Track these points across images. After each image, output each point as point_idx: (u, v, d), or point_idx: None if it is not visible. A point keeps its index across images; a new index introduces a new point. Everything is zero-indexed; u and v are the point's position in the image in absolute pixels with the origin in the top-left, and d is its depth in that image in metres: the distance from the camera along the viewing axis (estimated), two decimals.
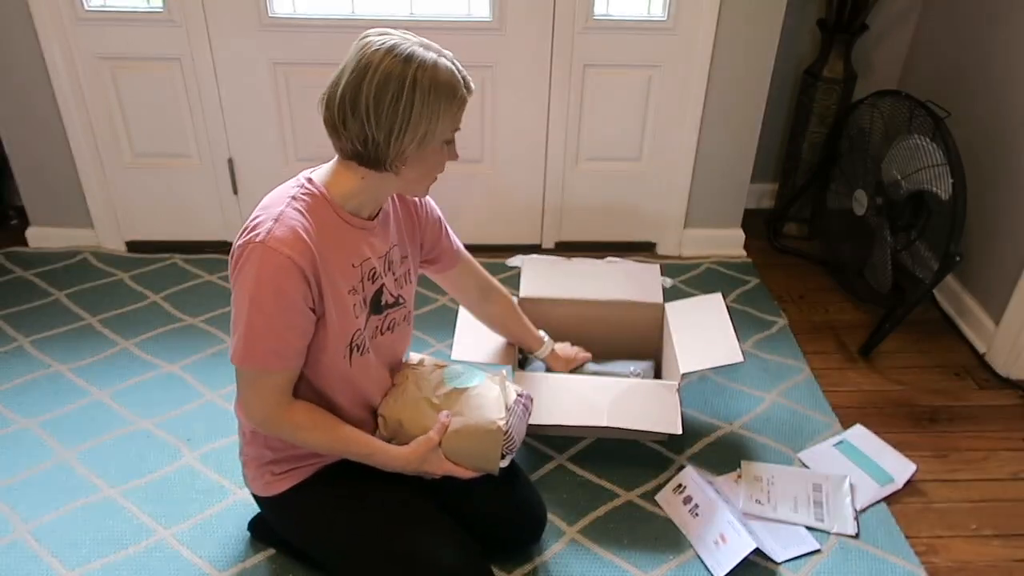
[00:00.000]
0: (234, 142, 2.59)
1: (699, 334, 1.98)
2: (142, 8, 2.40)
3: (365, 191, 1.37)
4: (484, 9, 2.45)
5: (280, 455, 1.50)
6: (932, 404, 2.18)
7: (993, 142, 2.36)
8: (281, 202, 1.31)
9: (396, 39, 1.28)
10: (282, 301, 1.27)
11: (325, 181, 1.36)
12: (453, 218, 2.77)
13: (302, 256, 1.27)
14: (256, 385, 1.35)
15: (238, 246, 1.29)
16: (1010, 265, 2.28)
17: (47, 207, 2.70)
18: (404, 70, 1.25)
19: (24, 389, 2.12)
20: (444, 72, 1.28)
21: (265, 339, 1.29)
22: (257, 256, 1.26)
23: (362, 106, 1.27)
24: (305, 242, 1.28)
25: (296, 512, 1.52)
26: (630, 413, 1.80)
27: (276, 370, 1.34)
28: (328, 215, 1.34)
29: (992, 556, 1.75)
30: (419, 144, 1.30)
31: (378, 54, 1.26)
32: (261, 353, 1.30)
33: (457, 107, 1.32)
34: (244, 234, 1.29)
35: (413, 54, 1.26)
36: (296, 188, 1.34)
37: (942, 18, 2.64)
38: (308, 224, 1.30)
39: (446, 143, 1.37)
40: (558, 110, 2.58)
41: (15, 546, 1.69)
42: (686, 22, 2.45)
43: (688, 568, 1.69)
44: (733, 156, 2.68)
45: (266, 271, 1.26)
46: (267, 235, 1.26)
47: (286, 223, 1.28)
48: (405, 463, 1.46)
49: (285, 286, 1.27)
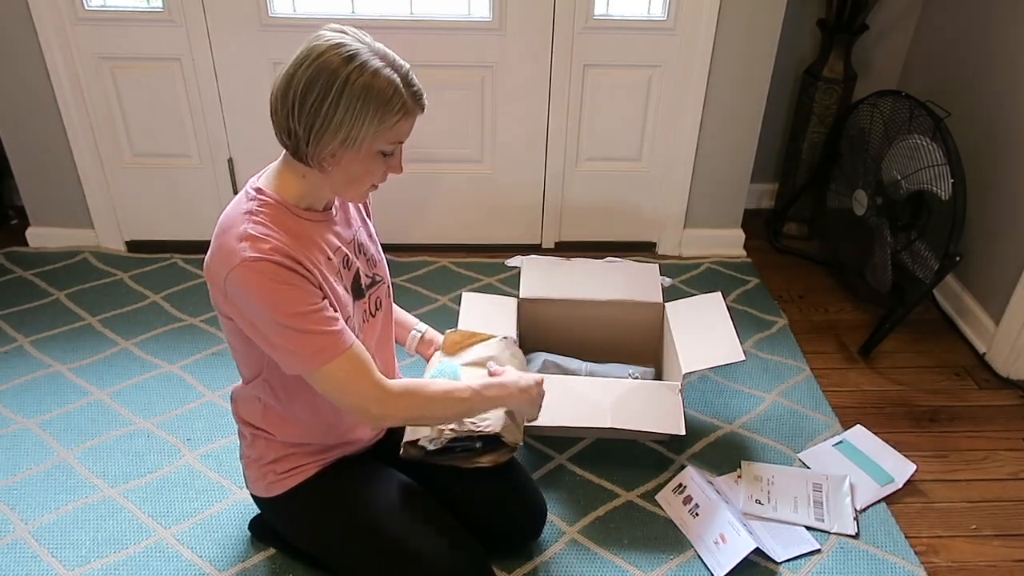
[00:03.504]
0: (234, 142, 2.59)
1: (700, 333, 1.98)
2: (142, 8, 2.40)
3: (310, 189, 1.34)
4: (484, 9, 2.45)
5: (282, 455, 1.50)
6: (932, 404, 2.18)
7: (993, 142, 2.36)
8: (240, 222, 1.27)
9: (348, 39, 1.24)
10: (296, 291, 1.25)
11: (274, 186, 1.33)
12: (453, 218, 2.78)
13: (285, 256, 1.25)
14: (340, 379, 1.30)
15: (223, 279, 1.25)
16: (1010, 265, 2.28)
17: (47, 207, 2.70)
18: (340, 68, 1.21)
19: (24, 389, 2.12)
20: (382, 81, 1.22)
21: (312, 334, 1.26)
22: (245, 275, 1.23)
23: (290, 97, 1.25)
24: (280, 243, 1.26)
25: (298, 513, 1.52)
26: (633, 414, 1.80)
27: (343, 351, 1.29)
28: (288, 218, 1.31)
29: (992, 556, 1.75)
30: (343, 147, 1.25)
31: (322, 46, 1.23)
32: (319, 346, 1.27)
33: (392, 120, 1.25)
34: (218, 266, 1.26)
35: (356, 55, 1.22)
36: (249, 203, 1.30)
37: (942, 18, 2.64)
38: (274, 233, 1.27)
39: (383, 154, 1.30)
40: (558, 110, 2.58)
41: (15, 546, 1.69)
42: (686, 22, 2.45)
43: (688, 568, 1.69)
44: (733, 156, 2.68)
45: (264, 280, 1.23)
46: (242, 255, 1.23)
47: (254, 239, 1.25)
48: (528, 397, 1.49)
49: (289, 279, 1.25)
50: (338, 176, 1.30)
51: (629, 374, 2.01)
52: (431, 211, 2.76)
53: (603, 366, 2.05)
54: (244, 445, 1.54)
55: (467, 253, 2.79)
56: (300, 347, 1.27)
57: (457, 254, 2.78)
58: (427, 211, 2.75)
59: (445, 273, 2.68)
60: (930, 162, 2.20)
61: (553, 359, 2.05)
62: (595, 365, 2.05)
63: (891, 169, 2.34)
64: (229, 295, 1.27)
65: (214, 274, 1.28)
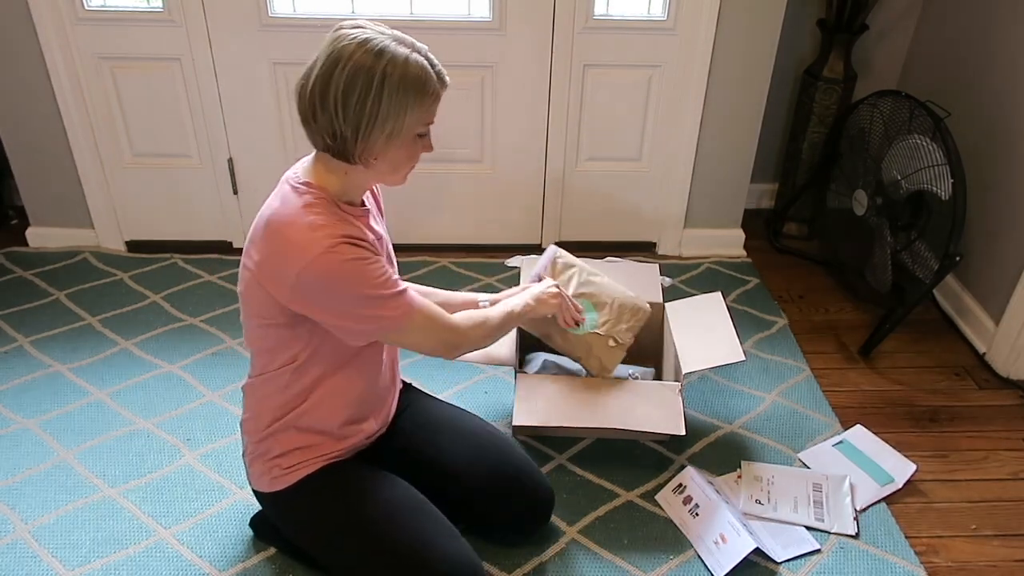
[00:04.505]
0: (234, 142, 2.59)
1: (700, 333, 1.98)
2: (142, 8, 2.40)
3: (351, 184, 1.39)
4: (484, 9, 2.45)
5: (289, 449, 1.50)
6: (932, 404, 2.19)
7: (993, 142, 2.36)
8: (301, 215, 1.32)
9: (369, 32, 1.28)
10: (373, 264, 1.33)
11: (319, 182, 1.36)
12: (453, 218, 2.78)
13: (354, 237, 1.32)
14: (424, 327, 1.42)
15: (295, 274, 1.29)
16: (1010, 265, 2.28)
17: (47, 207, 2.70)
18: (374, 65, 1.25)
19: (24, 389, 2.12)
20: (414, 67, 1.28)
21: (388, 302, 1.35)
22: (327, 261, 1.28)
23: (331, 100, 1.27)
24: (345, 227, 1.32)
25: (300, 508, 1.52)
26: (633, 414, 1.80)
27: (417, 303, 1.41)
28: (336, 212, 1.36)
29: (992, 556, 1.75)
30: (387, 139, 1.31)
31: (349, 47, 1.26)
32: (395, 313, 1.37)
33: (428, 102, 1.32)
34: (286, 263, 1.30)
35: (385, 48, 1.26)
36: (303, 196, 1.34)
37: (942, 18, 2.64)
38: (335, 220, 1.33)
39: (418, 136, 1.36)
40: (558, 110, 2.58)
41: (15, 546, 1.69)
42: (686, 22, 2.45)
43: (688, 568, 1.69)
44: (733, 156, 2.68)
45: (345, 262, 1.29)
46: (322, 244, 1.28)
47: (324, 227, 1.30)
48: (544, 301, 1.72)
49: (364, 255, 1.32)
50: (383, 167, 1.36)
51: (629, 374, 2.01)
52: (431, 211, 2.76)
53: None
54: (250, 441, 1.54)
55: (467, 253, 2.79)
56: (388, 311, 1.36)
57: (457, 254, 2.78)
58: (427, 211, 2.75)
59: (445, 273, 2.68)
60: (930, 162, 2.20)
61: (553, 359, 2.05)
62: None
63: (891, 169, 2.34)
64: (302, 288, 1.30)
65: (282, 272, 1.31)
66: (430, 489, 1.59)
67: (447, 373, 2.20)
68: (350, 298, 1.32)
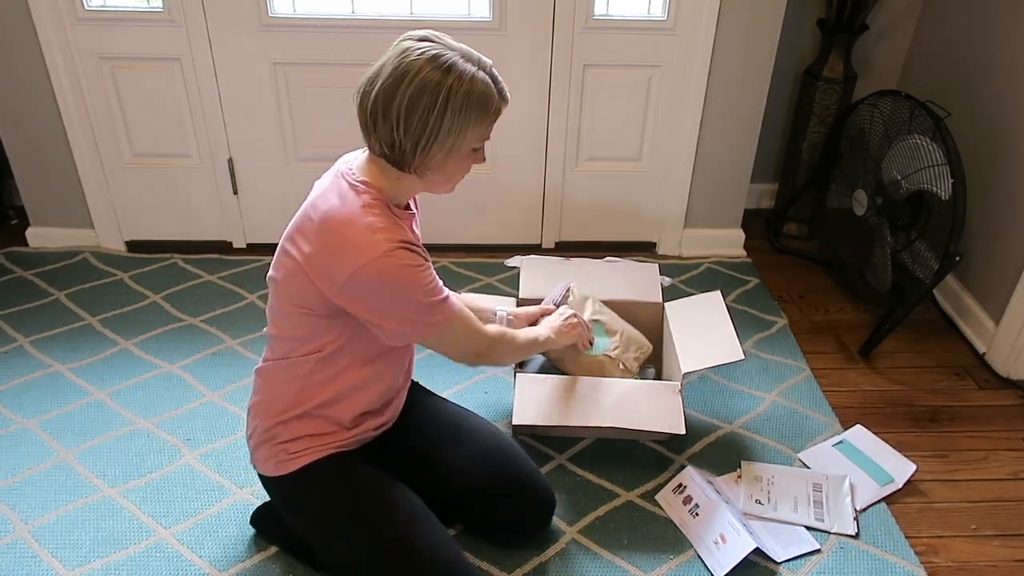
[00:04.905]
0: (234, 142, 2.59)
1: (699, 333, 1.99)
2: (142, 8, 2.40)
3: (401, 188, 1.41)
4: (484, 9, 2.45)
5: (298, 435, 1.50)
6: (932, 404, 2.19)
7: (993, 142, 2.36)
8: (361, 215, 1.33)
9: (439, 48, 1.29)
10: (425, 270, 1.37)
11: (374, 183, 1.38)
12: (453, 218, 2.78)
13: (409, 242, 1.34)
14: (461, 334, 1.48)
15: (350, 273, 1.31)
16: (1010, 265, 2.28)
17: (47, 207, 2.70)
18: (441, 81, 1.27)
19: (24, 389, 2.12)
20: (480, 85, 1.30)
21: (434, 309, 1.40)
22: (384, 265, 1.30)
23: (394, 112, 1.29)
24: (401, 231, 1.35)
25: (304, 493, 1.52)
26: (633, 414, 1.80)
27: (458, 309, 1.45)
28: (390, 215, 1.38)
29: (992, 556, 1.75)
30: (446, 154, 1.33)
31: (418, 62, 1.27)
32: (440, 319, 1.41)
33: (489, 120, 1.35)
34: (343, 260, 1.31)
35: (453, 65, 1.28)
36: (362, 196, 1.35)
37: (942, 18, 2.64)
38: (392, 223, 1.35)
39: (474, 150, 1.38)
40: (558, 110, 2.58)
41: (15, 546, 1.69)
42: (686, 22, 2.45)
43: (688, 568, 1.69)
44: (733, 156, 2.68)
45: (401, 267, 1.32)
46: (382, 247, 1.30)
47: (384, 230, 1.32)
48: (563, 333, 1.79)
49: (418, 261, 1.36)
50: (436, 177, 1.39)
51: None
52: (431, 211, 2.75)
53: None
54: (259, 425, 1.53)
55: (467, 253, 2.79)
56: (431, 316, 1.40)
57: (457, 254, 2.78)
58: (427, 211, 2.75)
59: (445, 273, 2.68)
60: (930, 162, 2.20)
61: None
62: None
63: (891, 169, 2.34)
64: (353, 286, 1.32)
65: (335, 268, 1.32)
66: (431, 487, 1.59)
67: (447, 373, 2.20)
68: (399, 302, 1.35)
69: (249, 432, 1.58)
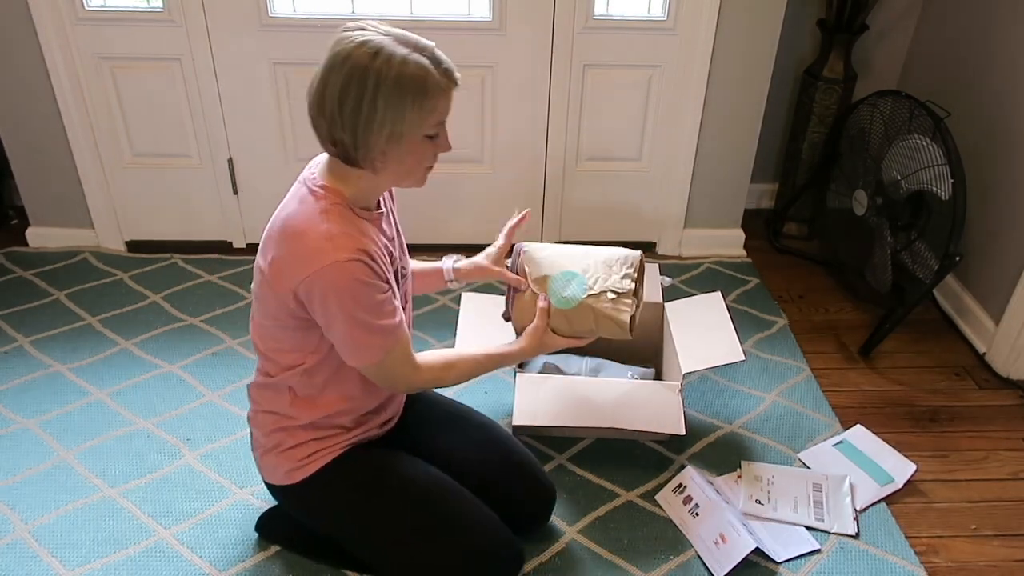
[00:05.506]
0: (234, 142, 2.59)
1: (700, 333, 1.98)
2: (142, 8, 2.40)
3: (365, 188, 1.37)
4: (484, 9, 2.45)
5: (302, 440, 1.50)
6: (932, 404, 2.18)
7: (993, 142, 2.36)
8: (317, 221, 1.30)
9: (369, 34, 1.24)
10: (374, 288, 1.31)
11: (335, 187, 1.35)
12: (453, 218, 2.78)
13: (367, 255, 1.30)
14: (392, 368, 1.40)
15: (300, 280, 1.28)
16: (1010, 265, 2.28)
17: (47, 207, 2.70)
18: (368, 66, 1.21)
19: (24, 389, 2.12)
20: (412, 67, 1.23)
21: (377, 333, 1.34)
22: (333, 274, 1.27)
23: (328, 106, 1.25)
24: (361, 242, 1.30)
25: (324, 497, 1.52)
26: (633, 414, 1.80)
27: (395, 345, 1.38)
28: (352, 218, 1.34)
29: (992, 556, 1.75)
30: (389, 142, 1.27)
31: (346, 49, 1.23)
32: (380, 344, 1.35)
33: (430, 102, 1.26)
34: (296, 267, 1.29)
35: (382, 49, 1.22)
36: (320, 202, 1.33)
37: (942, 18, 2.64)
38: (353, 231, 1.31)
39: (429, 137, 1.31)
40: (558, 110, 2.58)
41: (15, 546, 1.69)
42: (686, 22, 2.45)
43: (688, 568, 1.69)
44: (733, 156, 2.68)
45: (350, 280, 1.27)
46: (333, 256, 1.26)
47: (339, 237, 1.28)
48: (529, 354, 1.60)
49: (371, 276, 1.30)
50: (392, 170, 1.33)
51: (629, 375, 2.01)
52: (431, 211, 2.76)
53: (603, 366, 2.05)
54: (259, 434, 1.54)
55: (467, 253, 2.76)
56: (368, 341, 1.34)
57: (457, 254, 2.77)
58: (427, 211, 2.75)
59: None
60: (930, 162, 2.20)
61: (553, 361, 2.05)
62: (595, 365, 2.05)
63: (891, 169, 2.34)
64: (303, 294, 1.30)
65: (288, 274, 1.30)
66: None
67: None
68: (344, 315, 1.30)
69: (252, 443, 1.58)
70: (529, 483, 1.65)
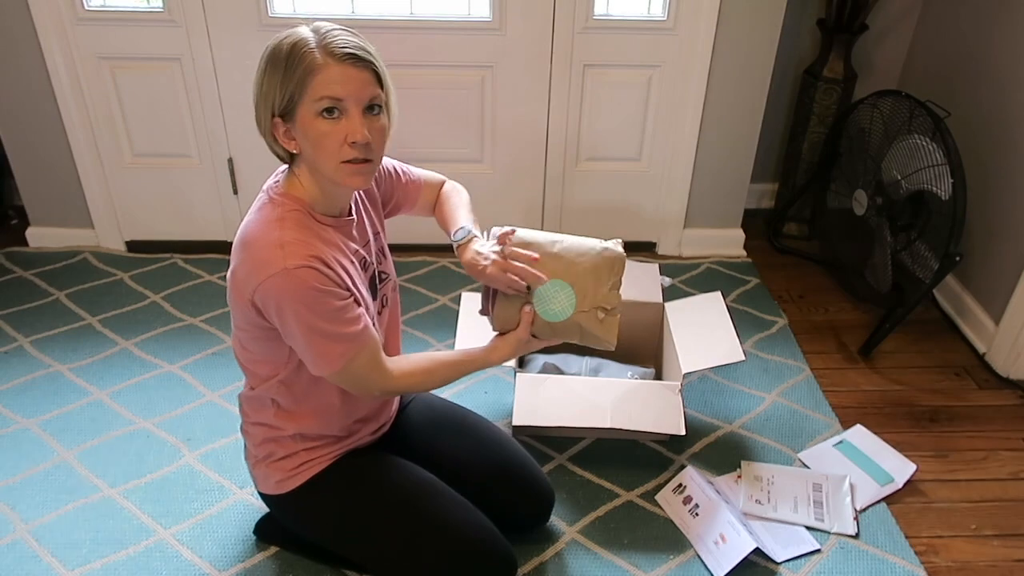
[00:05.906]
0: (234, 142, 2.59)
1: (700, 333, 1.98)
2: (142, 8, 2.40)
3: (321, 194, 1.34)
4: (484, 9, 2.45)
5: (292, 451, 1.50)
6: (932, 404, 2.19)
7: (993, 142, 2.36)
8: (271, 229, 1.29)
9: (302, 27, 1.28)
10: (330, 296, 1.29)
11: (295, 193, 1.34)
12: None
13: (321, 262, 1.28)
14: (358, 375, 1.37)
15: (253, 288, 1.27)
16: (1010, 265, 2.28)
17: (47, 207, 2.70)
18: (266, 48, 1.28)
19: (24, 389, 2.12)
20: (289, 40, 1.25)
21: (336, 340, 1.31)
22: (283, 282, 1.25)
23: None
24: (315, 248, 1.29)
25: (315, 505, 1.52)
26: (633, 414, 1.80)
27: (358, 353, 1.35)
28: (311, 224, 1.33)
29: (992, 556, 1.75)
30: (276, 118, 1.27)
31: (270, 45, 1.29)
32: (340, 352, 1.33)
33: (298, 74, 1.22)
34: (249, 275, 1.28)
35: (290, 35, 1.26)
36: (276, 209, 1.32)
37: (942, 18, 2.64)
38: (307, 238, 1.30)
39: (324, 116, 1.24)
40: (558, 110, 2.58)
41: (15, 546, 1.69)
42: (686, 22, 2.45)
43: (688, 568, 1.69)
44: (733, 156, 2.68)
45: (301, 287, 1.25)
46: (282, 263, 1.25)
47: (292, 244, 1.27)
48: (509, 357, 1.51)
49: (325, 283, 1.28)
50: (306, 153, 1.30)
51: (629, 375, 2.01)
52: None
53: (603, 366, 2.05)
54: (251, 445, 1.54)
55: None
56: (328, 349, 1.32)
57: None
58: None
59: (445, 273, 2.68)
60: (930, 162, 2.20)
61: (553, 361, 2.05)
62: (595, 365, 2.05)
63: (891, 169, 2.34)
64: (259, 303, 1.29)
65: (242, 283, 1.29)
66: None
67: None
68: (300, 324, 1.29)
69: (245, 453, 1.58)
70: (528, 486, 1.64)
